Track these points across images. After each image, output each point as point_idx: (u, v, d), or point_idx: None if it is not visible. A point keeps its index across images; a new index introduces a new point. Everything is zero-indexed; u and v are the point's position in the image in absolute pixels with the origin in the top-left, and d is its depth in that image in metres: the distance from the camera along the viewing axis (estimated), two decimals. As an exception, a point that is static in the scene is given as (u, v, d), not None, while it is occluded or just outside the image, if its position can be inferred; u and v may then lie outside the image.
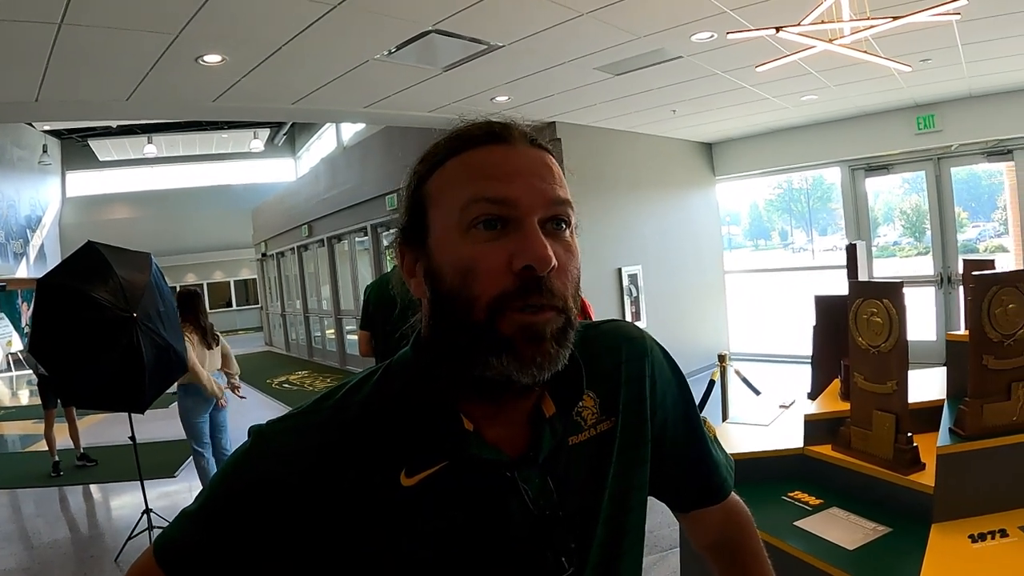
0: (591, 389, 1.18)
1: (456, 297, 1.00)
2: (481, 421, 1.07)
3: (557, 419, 1.12)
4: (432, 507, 1.03)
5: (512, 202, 1.00)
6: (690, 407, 1.37)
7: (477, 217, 1.00)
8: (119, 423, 7.39)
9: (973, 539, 2.35)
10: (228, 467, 1.10)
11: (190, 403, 6.77)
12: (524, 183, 1.02)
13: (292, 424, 1.09)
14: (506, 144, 1.06)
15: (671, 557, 5.09)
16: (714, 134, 13.05)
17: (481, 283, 0.98)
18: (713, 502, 1.43)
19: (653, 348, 1.32)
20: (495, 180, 1.01)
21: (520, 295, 0.97)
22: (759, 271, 16.52)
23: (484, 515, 1.05)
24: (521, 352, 0.97)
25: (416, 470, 1.04)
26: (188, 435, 6.91)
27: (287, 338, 23.74)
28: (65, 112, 8.04)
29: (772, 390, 4.82)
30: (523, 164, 1.04)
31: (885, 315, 2.77)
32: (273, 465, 1.04)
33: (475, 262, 0.99)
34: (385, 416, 1.07)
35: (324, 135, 28.40)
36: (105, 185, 32.67)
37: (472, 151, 1.06)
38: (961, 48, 7.61)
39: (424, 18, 5.59)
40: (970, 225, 13.24)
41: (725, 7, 5.74)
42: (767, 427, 3.72)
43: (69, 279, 5.65)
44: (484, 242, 0.99)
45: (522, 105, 8.94)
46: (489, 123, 1.09)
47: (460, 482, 1.05)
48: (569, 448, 1.14)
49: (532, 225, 1.00)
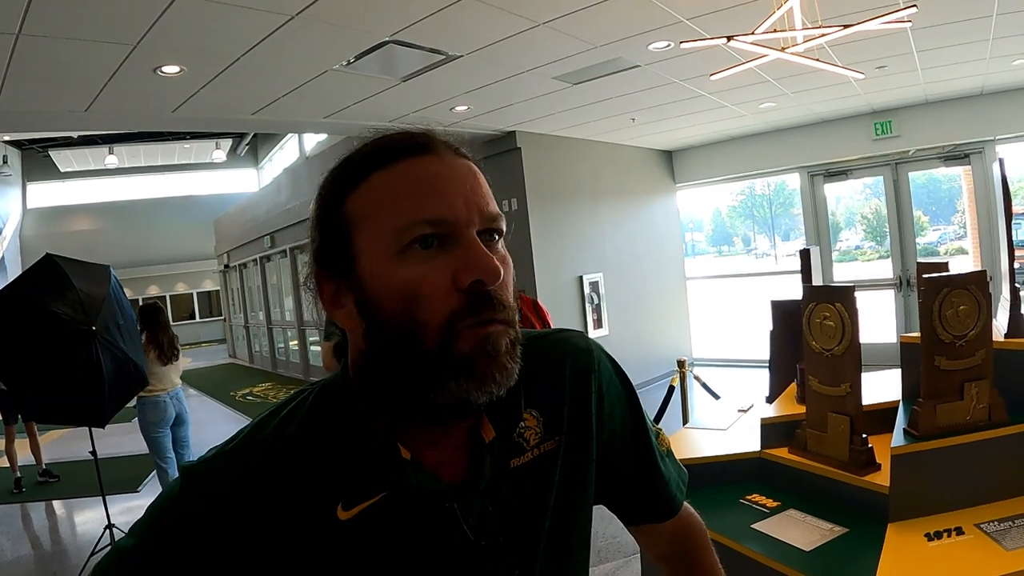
0: (534, 408, 1.15)
1: (401, 326, 0.96)
2: (419, 448, 1.04)
3: (497, 443, 1.09)
4: (370, 540, 1.01)
5: (449, 220, 0.96)
6: (639, 422, 1.33)
7: (414, 238, 0.95)
8: (81, 438, 7.31)
9: (929, 537, 2.37)
10: (157, 506, 1.05)
11: (149, 417, 6.74)
12: (460, 198, 0.98)
13: (222, 463, 1.05)
14: (432, 155, 1.01)
15: (633, 563, 5.12)
16: (674, 142, 13.11)
17: (427, 307, 0.94)
18: (664, 518, 1.40)
19: (601, 360, 1.28)
20: (430, 197, 0.97)
21: (471, 312, 0.94)
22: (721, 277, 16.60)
23: (424, 546, 1.02)
24: (479, 371, 0.95)
25: (353, 503, 1.01)
26: (150, 450, 6.88)
27: (251, 350, 23.55)
28: (23, 123, 7.96)
29: (731, 394, 4.86)
30: (456, 177, 1.00)
31: (838, 319, 2.80)
32: (202, 506, 1.00)
33: (417, 286, 0.94)
34: (319, 447, 1.03)
35: (286, 145, 28.25)
36: (66, 196, 32.31)
37: (397, 165, 1.00)
38: (916, 55, 7.71)
39: (382, 28, 5.59)
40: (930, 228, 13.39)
41: (681, 16, 5.78)
42: (726, 431, 3.74)
43: (27, 292, 5.60)
44: (423, 262, 0.95)
45: (482, 115, 8.97)
46: (410, 134, 1.04)
47: (399, 513, 1.02)
48: (511, 471, 1.11)
49: (473, 239, 0.96)
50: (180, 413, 7.03)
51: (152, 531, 1.03)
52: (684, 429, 4.08)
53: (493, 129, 10.00)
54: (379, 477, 1.01)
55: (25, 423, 9.06)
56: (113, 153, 29.99)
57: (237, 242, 23.28)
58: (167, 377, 6.84)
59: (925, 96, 10.20)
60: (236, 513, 0.98)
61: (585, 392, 1.21)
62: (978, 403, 2.64)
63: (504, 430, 1.10)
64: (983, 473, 2.60)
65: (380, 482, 1.01)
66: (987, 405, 2.65)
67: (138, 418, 6.79)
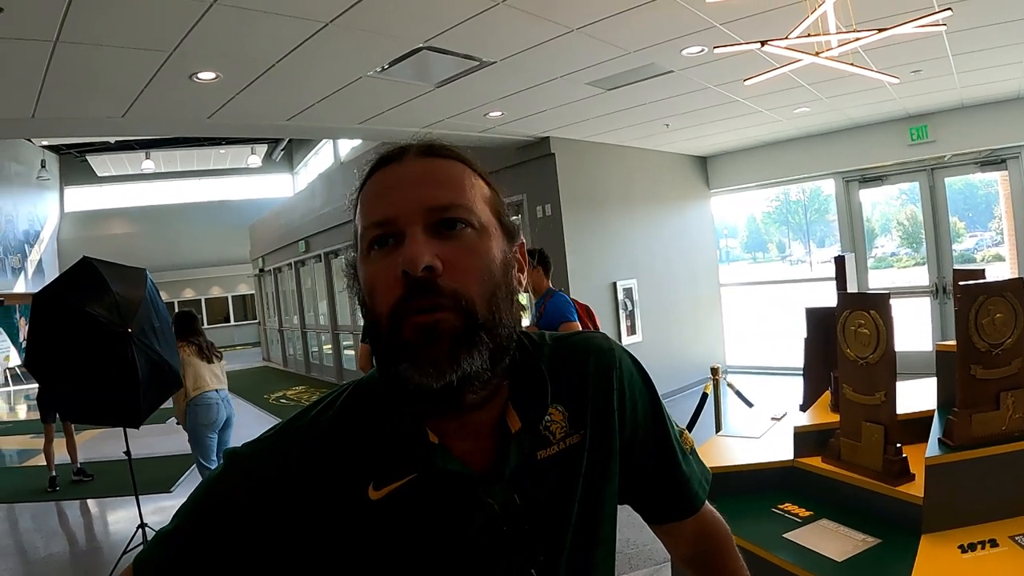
0: (560, 403, 1.19)
1: (370, 315, 1.05)
2: (447, 436, 1.08)
3: (524, 434, 1.13)
4: (398, 520, 1.05)
5: (392, 220, 1.03)
6: (660, 418, 1.37)
7: (370, 238, 1.05)
8: (115, 438, 7.40)
9: (963, 549, 2.35)
10: (202, 490, 1.12)
11: (201, 419, 6.79)
12: (401, 196, 1.05)
13: (265, 445, 1.12)
14: (396, 163, 1.10)
15: (663, 571, 5.10)
16: (708, 147, 13.06)
17: (380, 299, 1.02)
18: (685, 515, 1.43)
19: (622, 359, 1.32)
20: (380, 201, 1.06)
21: (408, 299, 0.99)
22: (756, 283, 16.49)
23: (449, 529, 1.06)
24: (418, 355, 0.99)
25: (383, 483, 1.05)
26: (195, 451, 6.93)
27: (284, 353, 23.68)
28: (61, 128, 8.04)
29: (765, 402, 4.83)
30: (402, 177, 1.08)
31: (872, 326, 2.78)
32: (245, 486, 1.07)
33: (375, 280, 1.04)
34: (354, 431, 1.09)
35: (321, 151, 28.45)
36: (103, 200, 32.77)
37: (372, 177, 1.12)
38: (952, 58, 7.64)
39: (416, 35, 5.62)
40: (967, 235, 13.21)
41: (714, 21, 5.76)
42: (758, 439, 3.72)
43: (65, 294, 5.66)
44: (379, 260, 1.04)
45: (515, 120, 8.97)
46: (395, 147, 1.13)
47: (426, 496, 1.06)
48: (537, 462, 1.14)
49: (411, 233, 1.02)
50: (229, 416, 7.09)
51: (196, 512, 1.10)
52: (717, 437, 4.06)
53: (527, 135, 9.99)
54: (408, 459, 1.07)
55: (63, 423, 9.15)
56: (149, 158, 30.42)
57: (272, 246, 23.44)
58: (212, 375, 6.89)
59: (961, 100, 10.09)
60: (277, 494, 1.05)
61: (607, 388, 1.26)
62: (1014, 413, 2.62)
63: (530, 422, 1.14)
64: (1019, 484, 2.56)
65: (409, 464, 1.07)
66: (1023, 415, 2.62)
67: (190, 421, 6.83)
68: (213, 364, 6.93)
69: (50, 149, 29.46)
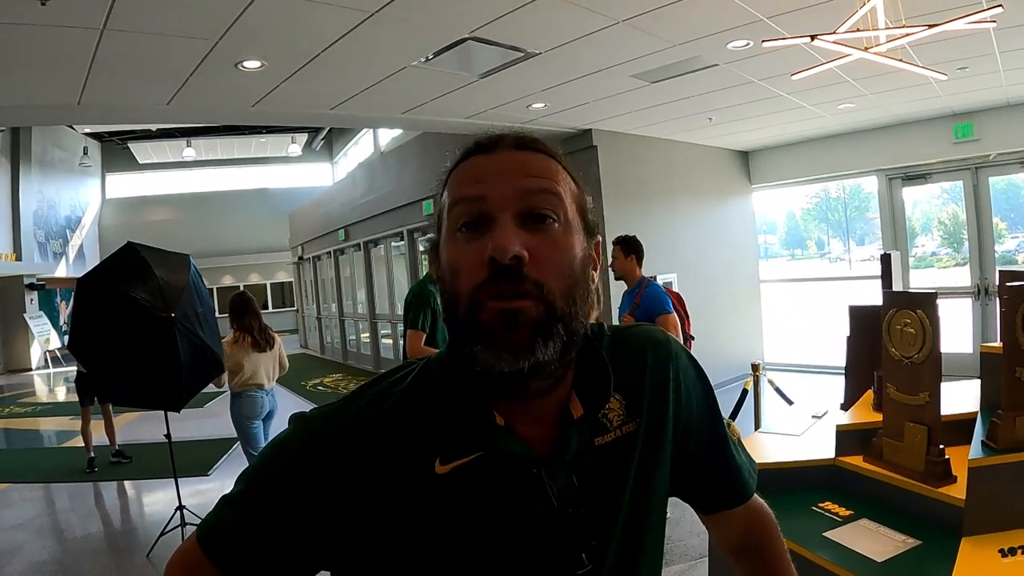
0: (618, 392, 1.21)
1: (450, 295, 1.08)
2: (512, 419, 1.11)
3: (585, 420, 1.16)
4: (462, 495, 1.07)
5: (481, 199, 1.06)
6: (714, 410, 1.39)
7: (459, 219, 1.07)
8: (154, 421, 7.46)
9: (1003, 554, 2.34)
10: (270, 450, 1.16)
11: (244, 411, 6.77)
12: (495, 180, 1.07)
13: (335, 409, 1.15)
14: (488, 153, 1.12)
15: (700, 567, 5.08)
16: (750, 142, 13.01)
17: (463, 280, 1.04)
18: (736, 503, 1.45)
19: (679, 352, 1.34)
20: (470, 183, 1.09)
21: (491, 283, 1.01)
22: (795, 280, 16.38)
23: (510, 507, 1.09)
24: (496, 339, 1.01)
25: (450, 459, 1.08)
26: (242, 440, 6.94)
27: (322, 341, 23.84)
28: (106, 116, 8.12)
29: (805, 400, 4.81)
30: (498, 165, 1.10)
31: (919, 326, 2.76)
32: (316, 447, 1.09)
33: (459, 261, 1.06)
34: (423, 406, 1.12)
35: (361, 140, 28.56)
36: (144, 187, 33.13)
37: (465, 162, 1.13)
38: (999, 56, 7.54)
39: (461, 25, 5.63)
40: (1009, 236, 13.05)
41: (761, 15, 5.73)
42: (799, 437, 3.71)
43: (109, 279, 5.75)
44: (466, 243, 1.06)
45: (558, 112, 8.97)
46: (486, 136, 1.15)
47: (490, 474, 1.08)
48: (595, 449, 1.17)
49: (503, 220, 1.04)
50: (272, 408, 7.02)
51: (264, 474, 1.14)
52: (757, 434, 4.05)
53: (569, 127, 9.99)
54: (474, 438, 1.09)
55: (101, 404, 9.29)
56: (191, 146, 30.68)
57: (311, 235, 23.61)
58: (261, 368, 6.81)
59: (1007, 98, 9.95)
60: (344, 456, 1.08)
61: (664, 379, 1.29)
62: (1060, 417, 2.59)
63: (592, 409, 1.17)
64: (1063, 489, 2.54)
65: (475, 443, 1.09)
66: (1069, 419, 2.60)
67: (233, 411, 6.83)
68: (267, 353, 6.85)
69: (92, 136, 29.76)
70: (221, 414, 7.07)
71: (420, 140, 14.65)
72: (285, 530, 1.08)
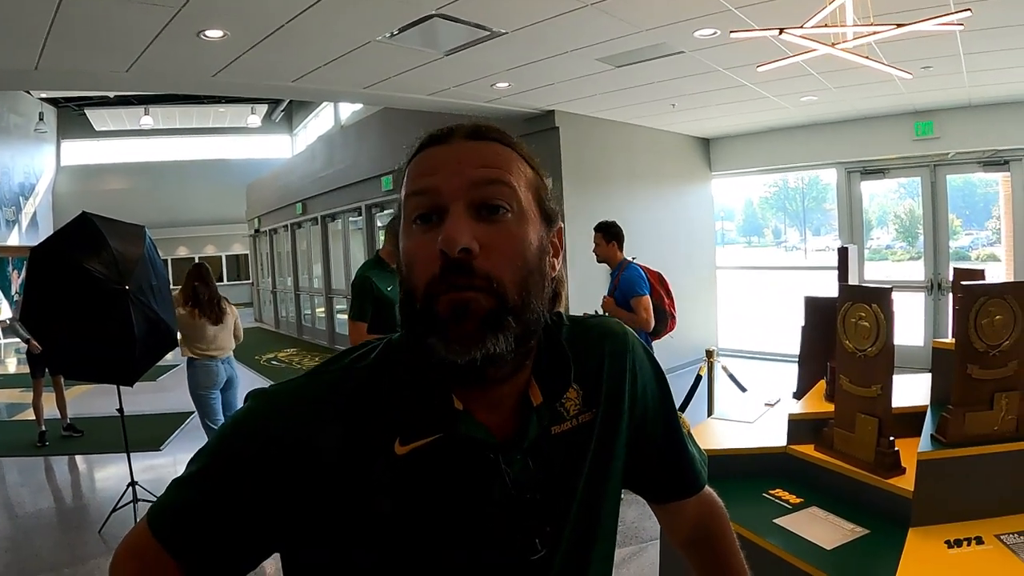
0: (576, 382, 1.22)
1: (407, 286, 1.07)
2: (470, 404, 1.11)
3: (543, 408, 1.17)
4: (420, 477, 1.07)
5: (434, 190, 1.06)
6: (668, 402, 1.42)
7: (413, 211, 1.07)
8: (106, 394, 7.37)
9: (949, 545, 2.38)
10: (228, 427, 1.14)
11: (199, 380, 6.76)
12: (446, 171, 1.07)
13: (295, 386, 1.14)
14: (443, 144, 1.12)
15: (650, 549, 5.13)
16: (712, 130, 13.07)
17: (417, 273, 1.04)
18: (689, 494, 1.48)
19: (635, 344, 1.36)
20: (423, 175, 1.08)
21: (443, 277, 1.01)
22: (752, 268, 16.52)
23: (467, 491, 1.09)
24: (448, 331, 1.01)
25: (409, 440, 1.08)
26: (199, 412, 6.91)
27: (277, 315, 23.76)
28: (64, 82, 8.02)
29: (758, 388, 4.86)
30: (450, 156, 1.09)
31: (873, 320, 2.79)
32: (275, 423, 1.07)
33: (414, 254, 1.06)
34: (384, 386, 1.12)
35: (321, 113, 28.32)
36: (100, 155, 32.62)
37: (418, 155, 1.12)
38: (963, 57, 7.64)
39: (428, 1, 5.58)
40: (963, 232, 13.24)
41: (729, 5, 5.75)
42: (752, 424, 3.74)
43: (62, 249, 5.68)
44: (420, 234, 1.06)
45: (522, 92, 8.96)
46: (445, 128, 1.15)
47: (448, 457, 1.09)
48: (551, 437, 1.18)
49: (454, 211, 1.04)
50: (231, 377, 7.04)
51: (220, 450, 1.12)
52: (710, 420, 4.08)
53: (532, 107, 9.97)
54: (434, 421, 1.09)
55: (52, 377, 9.20)
56: (148, 114, 30.21)
57: (268, 207, 23.45)
58: (218, 339, 6.83)
59: (969, 99, 10.08)
60: (303, 433, 1.06)
61: (620, 371, 1.31)
62: (1007, 414, 2.65)
63: (551, 398, 1.18)
64: (1007, 484, 2.60)
65: (434, 426, 1.09)
66: (1016, 416, 2.65)
67: (189, 381, 6.82)
68: (220, 325, 6.85)
69: (48, 102, 29.26)
70: (174, 388, 7.01)
71: (381, 115, 14.58)
72: (243, 509, 1.06)
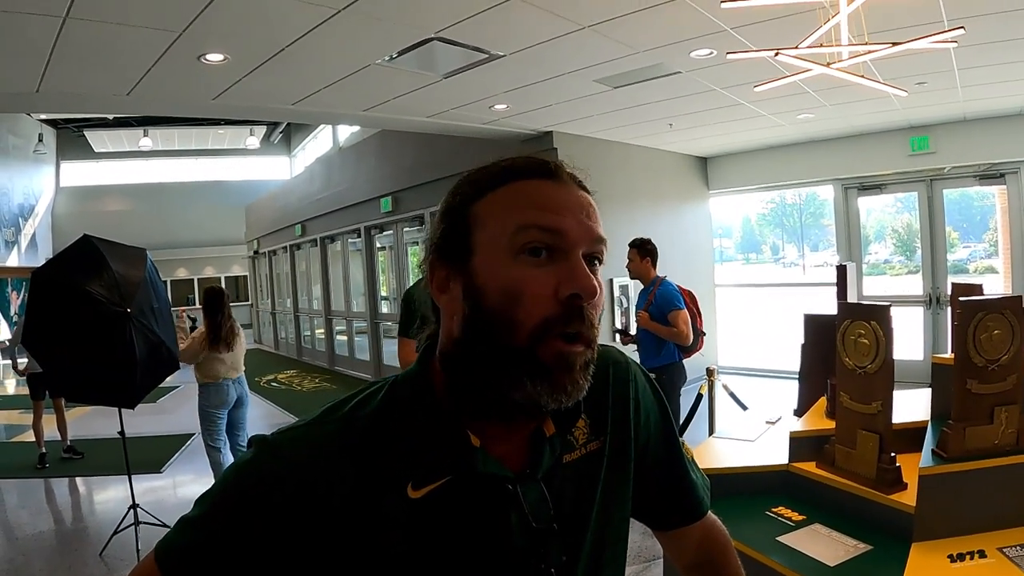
0: (583, 411, 1.22)
1: (499, 318, 1.04)
2: (487, 439, 1.11)
3: (556, 438, 1.17)
4: (438, 519, 1.06)
5: (562, 233, 1.05)
6: (670, 428, 1.43)
7: (527, 243, 1.04)
8: (106, 416, 7.36)
9: (952, 559, 2.39)
10: (231, 473, 1.11)
11: (211, 400, 6.83)
12: (573, 218, 1.07)
13: (300, 433, 1.11)
14: (557, 180, 1.11)
15: (654, 568, 5.13)
16: (709, 148, 13.11)
17: (526, 308, 1.02)
18: (692, 520, 1.50)
19: (636, 372, 1.39)
20: (548, 211, 1.06)
21: (562, 322, 1.02)
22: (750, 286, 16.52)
23: (486, 527, 1.09)
24: (556, 380, 1.02)
25: (422, 483, 1.07)
26: (204, 430, 6.95)
27: (276, 337, 23.70)
28: (65, 104, 8.04)
29: (759, 405, 4.86)
30: (573, 201, 1.10)
31: (872, 337, 2.82)
32: (280, 470, 1.05)
33: (523, 285, 1.03)
34: (393, 429, 1.10)
35: (320, 135, 28.39)
36: (99, 176, 32.55)
37: (525, 181, 1.10)
38: (957, 73, 7.68)
39: (427, 25, 5.63)
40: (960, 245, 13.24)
41: (725, 25, 5.79)
42: (753, 442, 3.77)
43: (64, 272, 5.68)
44: (532, 267, 1.04)
45: (520, 114, 9.00)
46: (543, 160, 1.14)
47: (464, 495, 1.08)
48: (563, 465, 1.19)
49: (578, 257, 1.05)
50: (241, 396, 7.10)
51: (223, 498, 1.08)
52: (711, 439, 4.11)
53: (530, 129, 10.02)
54: (449, 461, 1.08)
55: (53, 399, 9.17)
56: (148, 135, 30.25)
57: (267, 229, 23.39)
58: (233, 362, 6.93)
59: (963, 114, 10.14)
60: (310, 481, 1.03)
61: (624, 398, 1.33)
62: (1007, 428, 2.66)
63: (563, 428, 1.18)
64: (1009, 498, 2.61)
65: (449, 465, 1.08)
66: (1016, 430, 2.67)
67: (200, 400, 6.87)
68: (233, 352, 6.94)
69: (47, 123, 29.27)
70: (174, 410, 7.00)
71: (379, 137, 14.63)
72: (247, 554, 1.03)
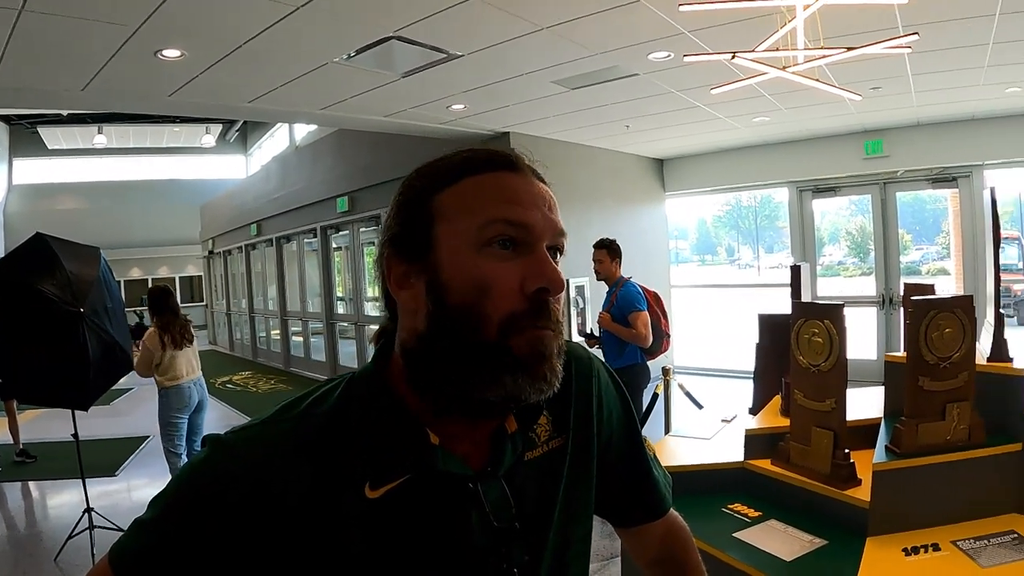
0: (545, 408, 1.21)
1: (466, 313, 1.02)
2: (447, 437, 1.09)
3: (518, 435, 1.16)
4: (397, 519, 1.05)
5: (528, 227, 1.05)
6: (633, 426, 1.43)
7: (494, 236, 1.03)
8: (59, 418, 7.26)
9: (907, 552, 2.44)
10: (184, 473, 1.08)
11: (173, 404, 6.77)
12: (538, 211, 1.07)
13: (255, 432, 1.08)
14: (518, 173, 1.11)
15: (611, 567, 5.15)
16: (666, 150, 13.19)
17: (494, 301, 1.01)
18: (655, 517, 1.50)
19: (599, 368, 1.38)
20: (515, 204, 1.06)
21: (531, 316, 1.02)
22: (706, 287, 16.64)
23: (446, 526, 1.08)
24: (535, 369, 1.02)
25: (381, 483, 1.05)
26: (165, 438, 6.86)
27: (232, 338, 23.50)
28: (18, 99, 7.92)
29: (715, 404, 4.91)
30: (536, 194, 1.10)
31: (826, 335, 2.86)
32: (235, 469, 1.02)
33: (490, 280, 1.02)
34: (349, 428, 1.07)
35: (276, 134, 28.19)
36: (53, 174, 32.04)
37: (488, 174, 1.09)
38: (911, 78, 7.80)
39: (387, 23, 5.61)
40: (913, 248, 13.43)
41: (683, 28, 5.83)
42: (709, 440, 3.80)
43: (15, 271, 5.60)
44: (498, 261, 1.03)
45: (478, 114, 9.01)
46: (503, 152, 1.14)
47: (424, 494, 1.06)
48: (525, 463, 1.18)
49: (543, 250, 1.06)
50: (202, 399, 7.05)
51: (177, 500, 1.05)
52: (667, 437, 4.13)
53: (488, 129, 10.03)
54: (408, 459, 1.06)
55: (4, 401, 9.06)
56: (102, 132, 29.78)
57: (223, 229, 23.18)
58: (184, 363, 6.85)
59: (917, 118, 10.31)
60: (265, 481, 1.01)
61: (588, 395, 1.31)
62: (959, 424, 2.71)
63: (525, 424, 1.17)
64: (961, 492, 2.66)
65: (408, 464, 1.06)
66: (967, 426, 2.72)
67: (161, 406, 6.79)
68: (186, 350, 6.87)
69: (0, 119, 28.91)
70: (129, 412, 6.89)
71: (336, 136, 14.59)
72: (202, 556, 1.01)
